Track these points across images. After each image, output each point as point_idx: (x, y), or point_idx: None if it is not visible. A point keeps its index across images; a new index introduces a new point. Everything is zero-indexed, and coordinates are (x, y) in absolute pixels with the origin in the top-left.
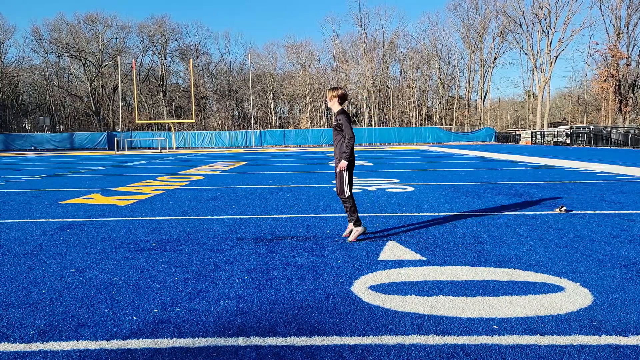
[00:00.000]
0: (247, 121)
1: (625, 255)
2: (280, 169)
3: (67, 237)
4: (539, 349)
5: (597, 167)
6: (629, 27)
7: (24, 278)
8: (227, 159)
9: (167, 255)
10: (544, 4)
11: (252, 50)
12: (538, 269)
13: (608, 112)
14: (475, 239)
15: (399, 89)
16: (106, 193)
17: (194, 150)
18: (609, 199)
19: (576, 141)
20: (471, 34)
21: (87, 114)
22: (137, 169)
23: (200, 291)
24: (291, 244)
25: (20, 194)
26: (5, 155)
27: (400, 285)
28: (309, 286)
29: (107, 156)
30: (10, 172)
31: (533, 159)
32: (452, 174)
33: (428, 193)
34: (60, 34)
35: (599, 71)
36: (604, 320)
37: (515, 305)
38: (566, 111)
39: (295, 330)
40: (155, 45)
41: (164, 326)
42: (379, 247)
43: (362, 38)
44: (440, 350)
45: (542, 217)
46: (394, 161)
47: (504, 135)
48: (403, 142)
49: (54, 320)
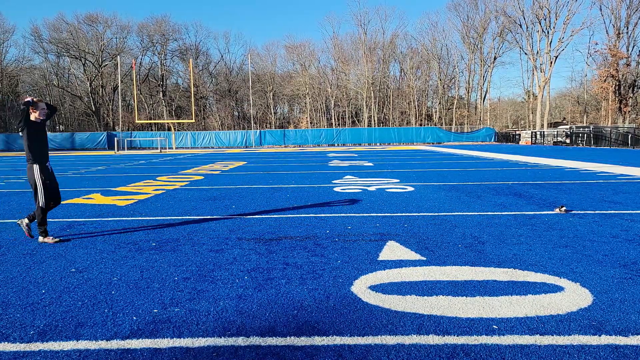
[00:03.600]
0: (247, 121)
1: (625, 255)
2: (280, 169)
3: (67, 237)
4: (538, 349)
5: (597, 167)
6: (628, 27)
7: (24, 278)
8: (227, 159)
9: (167, 255)
10: (544, 4)
11: (252, 50)
12: (538, 269)
13: (608, 112)
14: (475, 239)
15: (399, 89)
16: (106, 193)
17: (194, 150)
18: (608, 199)
19: (576, 141)
20: (471, 34)
21: (87, 114)
22: (137, 169)
23: (200, 291)
24: (291, 244)
25: (20, 194)
26: (5, 155)
27: (400, 285)
28: (309, 286)
29: (107, 156)
30: (11, 172)
31: (533, 159)
32: (452, 174)
33: (428, 193)
34: (60, 34)
35: (598, 71)
36: (604, 320)
37: (515, 305)
38: (566, 111)
39: (295, 330)
40: (155, 45)
41: (164, 326)
42: (379, 247)
43: (362, 38)
44: (440, 350)
45: (542, 217)
46: (394, 161)
47: (503, 135)
48: (403, 142)
49: (54, 320)
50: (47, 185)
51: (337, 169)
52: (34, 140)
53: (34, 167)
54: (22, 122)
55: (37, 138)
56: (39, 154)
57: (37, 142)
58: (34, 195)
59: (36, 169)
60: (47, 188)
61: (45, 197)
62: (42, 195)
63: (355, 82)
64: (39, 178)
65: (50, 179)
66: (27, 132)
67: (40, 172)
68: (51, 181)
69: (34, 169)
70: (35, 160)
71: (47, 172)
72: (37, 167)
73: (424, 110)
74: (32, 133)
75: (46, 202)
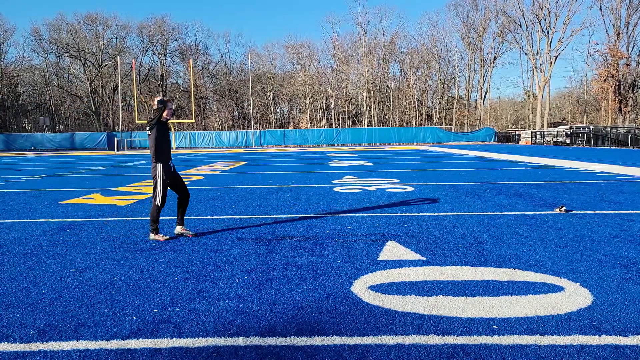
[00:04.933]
0: (247, 121)
1: (625, 255)
2: (280, 169)
3: (67, 237)
4: (538, 349)
5: (597, 167)
6: (628, 27)
7: (24, 278)
8: (227, 159)
9: (167, 255)
10: (544, 4)
11: (252, 50)
12: (538, 269)
13: (608, 112)
14: (475, 239)
15: (399, 89)
16: (106, 193)
17: (194, 150)
18: (608, 199)
19: (576, 141)
20: (471, 34)
21: (87, 114)
22: (137, 169)
23: (200, 291)
24: (291, 244)
25: (20, 194)
26: (5, 155)
27: (400, 285)
28: (309, 286)
29: (107, 156)
30: (11, 172)
31: (533, 159)
32: (452, 174)
33: (428, 193)
34: (60, 34)
35: (598, 71)
36: (604, 320)
37: (515, 305)
38: (566, 111)
39: (295, 330)
40: (155, 45)
41: (164, 326)
42: (379, 247)
43: (362, 38)
44: (440, 350)
45: (542, 217)
46: (394, 161)
47: (503, 135)
48: (403, 142)
49: (54, 320)
50: (167, 185)
51: (337, 169)
52: (161, 140)
53: (158, 166)
54: (154, 121)
55: (164, 137)
56: (164, 154)
57: (164, 141)
58: (152, 193)
59: (160, 168)
60: (166, 188)
61: (162, 196)
62: (161, 195)
63: (355, 82)
64: (161, 177)
65: (173, 177)
66: (156, 131)
67: (163, 171)
68: (173, 179)
69: (158, 168)
70: (160, 159)
71: (169, 171)
72: (161, 166)
73: (424, 110)
74: (160, 132)
75: (162, 201)
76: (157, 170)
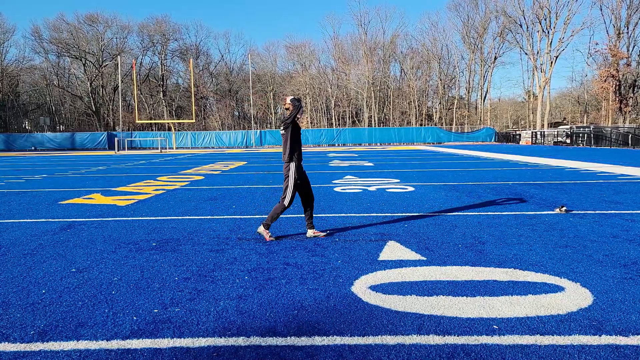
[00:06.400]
0: (247, 121)
1: (626, 255)
2: (280, 169)
3: (67, 237)
4: (539, 349)
5: (597, 167)
6: (629, 27)
7: (24, 278)
8: (227, 159)
9: (168, 255)
10: (544, 4)
11: (252, 50)
12: (538, 269)
13: (608, 112)
14: (476, 239)
15: (399, 89)
16: (106, 193)
17: (194, 150)
18: (609, 199)
19: (576, 141)
20: (471, 34)
21: (87, 114)
22: (137, 169)
23: (200, 291)
24: (291, 244)
25: (21, 194)
26: (5, 155)
27: (401, 285)
28: (309, 286)
29: (107, 156)
30: (11, 172)
31: (533, 159)
32: (452, 174)
33: (428, 193)
34: (60, 34)
35: (599, 71)
36: (604, 320)
37: (515, 305)
38: (566, 111)
39: (296, 330)
40: (155, 45)
41: (164, 326)
42: (379, 247)
43: (362, 38)
44: (440, 350)
45: (542, 217)
46: (394, 161)
47: (504, 135)
48: (403, 142)
49: (54, 320)
50: (298, 185)
51: (337, 169)
52: (296, 140)
53: (291, 166)
54: (289, 120)
55: (298, 138)
56: (297, 154)
57: (298, 142)
58: (283, 192)
59: (292, 168)
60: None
61: (291, 197)
62: (291, 195)
63: (355, 82)
64: (293, 177)
65: (302, 178)
66: (291, 131)
67: (295, 171)
68: (302, 180)
69: (291, 168)
70: (293, 159)
71: (300, 172)
72: (294, 165)
73: (424, 110)
74: (295, 132)
75: (290, 202)
76: (290, 170)
